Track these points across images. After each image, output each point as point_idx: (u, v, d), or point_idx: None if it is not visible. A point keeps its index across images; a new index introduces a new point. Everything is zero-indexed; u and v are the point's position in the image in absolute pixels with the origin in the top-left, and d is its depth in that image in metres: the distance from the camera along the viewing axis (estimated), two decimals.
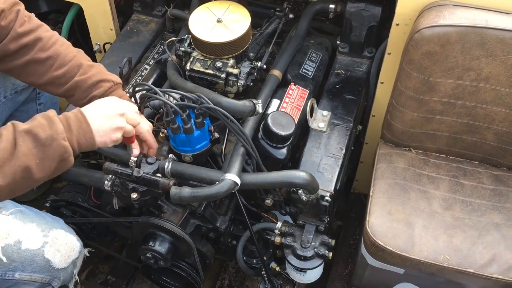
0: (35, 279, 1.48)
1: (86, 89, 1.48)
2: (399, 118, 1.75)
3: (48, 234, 1.49)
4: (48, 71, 1.48)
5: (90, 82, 1.48)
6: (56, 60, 1.48)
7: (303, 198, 1.55)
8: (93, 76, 1.49)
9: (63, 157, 1.23)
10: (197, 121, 1.51)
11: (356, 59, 1.95)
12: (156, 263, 1.67)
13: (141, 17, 2.11)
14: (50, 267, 1.49)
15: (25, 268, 1.45)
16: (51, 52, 1.47)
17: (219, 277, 2.24)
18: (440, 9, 1.55)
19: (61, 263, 1.51)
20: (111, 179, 1.55)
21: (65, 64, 1.48)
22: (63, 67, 1.47)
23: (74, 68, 1.48)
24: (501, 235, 1.60)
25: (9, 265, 1.44)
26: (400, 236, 1.59)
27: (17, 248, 1.44)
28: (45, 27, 1.51)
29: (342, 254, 2.10)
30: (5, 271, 1.44)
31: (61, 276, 1.53)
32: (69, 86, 1.48)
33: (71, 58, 1.49)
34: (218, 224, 1.71)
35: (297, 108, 1.76)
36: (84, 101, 1.49)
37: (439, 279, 1.61)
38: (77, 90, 1.49)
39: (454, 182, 1.74)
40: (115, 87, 1.53)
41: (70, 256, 1.54)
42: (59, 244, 1.51)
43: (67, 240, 1.54)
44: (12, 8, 1.45)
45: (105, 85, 1.49)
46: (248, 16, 1.72)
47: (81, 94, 1.49)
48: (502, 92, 1.59)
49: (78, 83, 1.48)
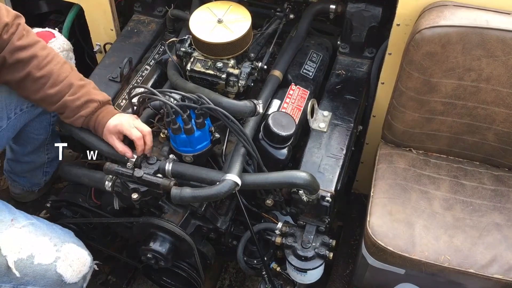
0: None
1: (74, 109, 1.55)
2: (399, 119, 1.75)
3: (60, 249, 1.52)
4: (42, 89, 1.54)
5: (78, 103, 1.54)
6: (49, 79, 1.53)
7: (303, 198, 1.55)
8: (81, 97, 1.55)
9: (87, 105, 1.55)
10: (197, 121, 1.51)
11: (357, 59, 1.95)
12: (156, 264, 1.67)
13: (142, 18, 2.11)
14: (61, 282, 1.51)
15: (37, 283, 1.48)
16: (45, 71, 1.53)
17: (219, 277, 2.24)
18: (441, 9, 1.55)
19: (73, 278, 1.54)
20: (112, 179, 1.56)
21: (58, 83, 1.54)
22: (55, 87, 1.54)
23: (65, 88, 1.54)
24: (502, 236, 1.60)
25: (22, 279, 1.46)
26: (400, 236, 1.59)
27: (29, 263, 1.46)
28: (42, 44, 1.56)
29: (342, 255, 2.10)
30: (17, 285, 1.47)
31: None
32: (59, 105, 1.55)
33: (63, 78, 1.54)
34: (218, 225, 1.71)
35: (297, 108, 1.76)
36: (71, 119, 1.57)
37: (440, 280, 1.61)
38: (67, 109, 1.55)
39: (455, 182, 1.73)
40: (102, 106, 1.58)
41: (81, 271, 1.57)
42: (71, 259, 1.54)
43: (79, 255, 1.57)
44: (14, 21, 1.49)
45: (92, 105, 1.56)
46: (249, 17, 1.72)
47: (70, 113, 1.56)
48: (502, 92, 1.59)
49: (67, 103, 1.54)
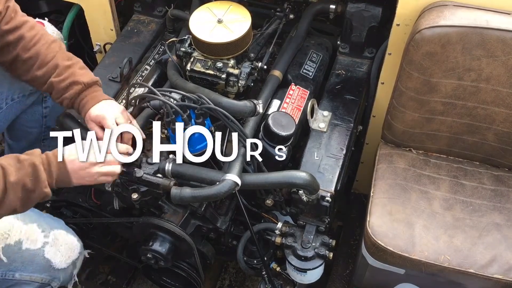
0: (35, 279, 1.49)
1: (59, 90, 1.53)
2: (399, 119, 1.75)
3: (48, 235, 1.51)
4: (30, 70, 1.53)
5: (62, 85, 1.52)
6: (37, 60, 1.52)
7: (303, 198, 1.55)
8: (66, 79, 1.52)
9: (44, 199, 1.36)
10: (197, 121, 1.51)
11: (357, 59, 1.95)
12: (156, 264, 1.67)
13: (142, 18, 2.11)
14: (50, 267, 1.50)
15: (25, 268, 1.47)
16: (32, 52, 1.52)
17: (219, 277, 2.24)
18: (441, 9, 1.55)
19: (61, 263, 1.52)
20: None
21: (44, 65, 1.52)
22: (42, 68, 1.52)
23: (52, 69, 1.53)
24: (501, 236, 1.60)
25: (10, 265, 1.45)
26: (400, 236, 1.59)
27: (17, 249, 1.46)
28: (29, 24, 1.54)
29: (342, 255, 2.10)
30: (5, 271, 1.46)
31: (60, 277, 1.54)
32: (47, 86, 1.54)
33: (50, 59, 1.53)
34: (218, 225, 1.71)
35: (297, 108, 1.76)
36: (58, 101, 1.55)
37: (440, 280, 1.61)
38: (53, 90, 1.54)
39: (455, 182, 1.73)
40: (86, 88, 1.53)
41: (70, 256, 1.55)
42: (60, 245, 1.52)
43: (67, 241, 1.55)
44: (4, 5, 1.49)
45: (76, 88, 1.52)
46: (249, 17, 1.72)
47: (55, 95, 1.55)
48: (502, 92, 1.59)
49: (52, 84, 1.53)
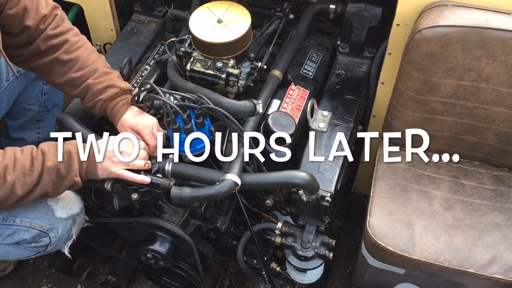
0: (35, 226, 1.52)
1: (95, 92, 1.55)
2: (399, 119, 1.75)
3: None
4: (67, 73, 1.56)
5: (99, 87, 1.55)
6: (76, 63, 1.56)
7: (303, 198, 1.55)
8: (104, 82, 1.56)
9: (74, 186, 1.46)
10: (197, 121, 1.51)
11: (357, 59, 1.95)
12: (156, 264, 1.67)
13: (142, 18, 2.11)
14: (51, 214, 1.53)
15: (27, 214, 1.51)
16: (74, 55, 1.56)
17: (219, 277, 2.24)
18: (441, 9, 1.55)
19: (62, 212, 1.55)
20: (112, 179, 1.55)
21: (84, 68, 1.56)
22: (81, 70, 1.56)
23: (90, 72, 1.56)
24: (501, 236, 1.60)
25: (11, 211, 1.49)
26: (400, 236, 1.59)
27: None
28: (74, 31, 1.61)
29: (342, 255, 2.10)
30: (7, 216, 1.50)
31: (59, 228, 1.56)
32: (82, 88, 1.56)
33: (90, 63, 1.57)
34: (218, 225, 1.71)
35: (297, 108, 1.76)
36: (90, 104, 1.58)
37: (440, 280, 1.61)
38: (88, 92, 1.56)
39: (455, 182, 1.73)
40: (122, 93, 1.58)
41: (72, 208, 1.58)
42: (62, 195, 1.54)
43: (70, 195, 1.58)
44: (51, 12, 1.55)
45: (112, 90, 1.56)
46: (249, 17, 1.72)
47: (90, 97, 1.57)
48: (502, 92, 1.59)
49: (89, 86, 1.56)
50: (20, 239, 1.53)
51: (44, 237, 1.55)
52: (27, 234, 1.53)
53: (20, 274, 2.03)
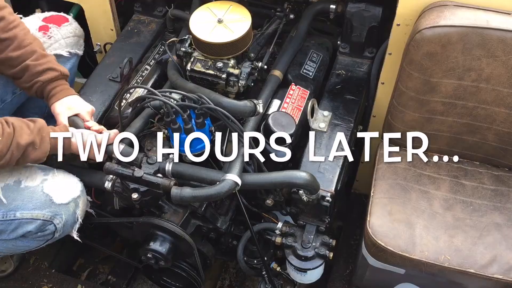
0: (37, 217, 1.50)
1: (34, 74, 1.59)
2: (399, 119, 1.75)
3: (48, 173, 1.53)
4: (4, 51, 1.58)
5: (39, 69, 1.59)
6: (13, 42, 1.58)
7: (304, 198, 1.55)
8: (43, 64, 1.60)
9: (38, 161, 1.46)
10: (197, 121, 1.51)
11: (357, 59, 1.95)
12: (156, 263, 1.67)
13: (142, 18, 2.11)
14: (50, 202, 1.51)
15: (26, 206, 1.49)
16: (11, 33, 1.58)
17: (219, 277, 2.24)
18: (441, 9, 1.55)
19: (62, 198, 1.52)
20: (112, 179, 1.55)
21: (21, 47, 1.58)
22: (18, 50, 1.58)
23: (29, 53, 1.59)
24: (502, 236, 1.60)
25: (9, 205, 1.47)
26: (401, 236, 1.59)
27: (16, 187, 1.48)
28: (9, 9, 1.62)
29: (342, 255, 2.10)
30: (6, 212, 1.48)
31: (62, 214, 1.53)
32: (19, 68, 1.59)
33: (27, 44, 1.59)
34: (218, 225, 1.71)
35: (297, 108, 1.76)
36: (27, 85, 1.61)
37: (440, 279, 1.61)
38: (26, 73, 1.59)
39: (455, 182, 1.73)
40: (61, 77, 1.63)
41: (71, 192, 1.55)
42: (59, 180, 1.54)
43: (66, 179, 1.57)
44: None
45: (51, 74, 1.60)
46: (249, 17, 1.72)
47: (28, 78, 1.60)
48: (503, 92, 1.59)
49: (28, 67, 1.58)
50: (25, 231, 1.51)
51: (49, 225, 1.52)
52: (31, 225, 1.50)
53: (20, 274, 2.03)
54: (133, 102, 1.67)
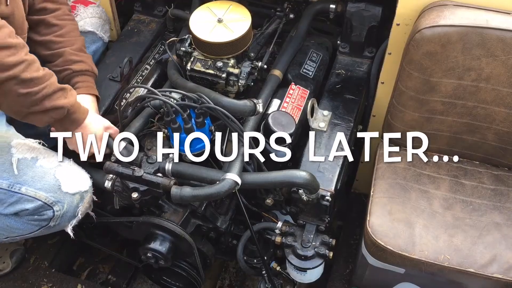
0: (39, 197, 1.51)
1: (67, 60, 1.66)
2: (399, 118, 1.75)
3: (64, 161, 1.56)
4: (49, 34, 1.67)
5: (74, 58, 1.66)
6: (61, 29, 1.69)
7: (303, 197, 1.55)
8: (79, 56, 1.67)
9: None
10: (197, 120, 1.51)
11: (357, 59, 1.95)
12: (156, 263, 1.67)
13: (142, 17, 2.11)
14: (58, 187, 1.52)
15: (34, 184, 1.50)
16: (62, 22, 1.69)
17: (219, 277, 2.24)
18: (441, 9, 1.55)
19: (70, 187, 1.54)
20: (112, 178, 1.56)
21: (65, 36, 1.69)
22: (62, 37, 1.68)
23: (70, 43, 1.68)
24: (501, 235, 1.60)
25: (19, 177, 1.50)
26: (400, 235, 1.59)
27: (32, 163, 1.51)
28: (69, 7, 1.77)
29: (342, 254, 2.10)
30: (13, 183, 1.50)
31: (65, 203, 1.53)
32: (56, 52, 1.66)
33: (72, 37, 1.70)
34: (218, 224, 1.71)
35: (297, 108, 1.76)
36: (58, 69, 1.64)
37: (440, 279, 1.61)
38: (60, 58, 1.66)
39: (455, 182, 1.74)
40: (90, 74, 1.69)
41: (80, 185, 1.57)
42: (72, 171, 1.56)
43: (79, 171, 1.59)
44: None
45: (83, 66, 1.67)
46: (249, 16, 1.72)
47: (61, 63, 1.66)
48: (502, 92, 1.59)
49: (64, 53, 1.66)
50: (22, 208, 1.51)
51: (48, 210, 1.52)
52: (30, 204, 1.50)
53: (20, 273, 2.03)
54: (133, 102, 1.68)
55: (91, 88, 1.68)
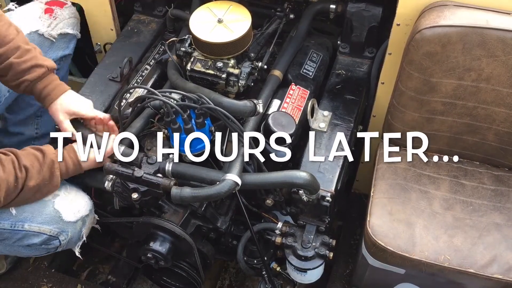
0: (44, 231, 1.52)
1: (19, 72, 1.53)
2: (399, 119, 1.75)
3: (60, 189, 1.53)
4: None
5: (24, 66, 1.52)
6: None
7: (304, 198, 1.55)
8: (28, 61, 1.53)
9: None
10: (197, 121, 1.51)
11: (357, 59, 1.95)
12: (156, 263, 1.67)
13: (142, 17, 2.11)
14: (59, 218, 1.52)
15: (35, 219, 1.50)
16: None
17: (219, 277, 2.24)
18: (441, 9, 1.55)
19: (71, 216, 1.54)
20: (112, 179, 1.55)
21: (4, 44, 1.51)
22: (1, 47, 1.51)
23: (12, 50, 1.52)
24: (501, 236, 1.60)
25: (19, 215, 1.48)
26: (400, 236, 1.59)
27: None
28: None
29: (342, 255, 2.10)
30: (15, 222, 1.49)
31: (69, 231, 1.55)
32: (3, 66, 1.52)
33: (10, 40, 1.52)
34: (218, 224, 1.71)
35: (297, 108, 1.76)
36: (13, 84, 1.55)
37: (440, 279, 1.61)
38: (10, 71, 1.53)
39: (455, 182, 1.73)
40: (49, 73, 1.56)
41: (80, 211, 1.57)
42: (70, 198, 1.55)
43: (78, 197, 1.58)
44: None
45: (39, 71, 1.54)
46: (249, 16, 1.72)
47: (13, 76, 1.54)
48: (503, 92, 1.59)
49: (12, 65, 1.52)
50: (30, 243, 1.53)
51: (54, 240, 1.55)
52: (37, 238, 1.52)
53: (20, 274, 2.03)
54: (133, 102, 1.67)
55: (58, 87, 1.58)
